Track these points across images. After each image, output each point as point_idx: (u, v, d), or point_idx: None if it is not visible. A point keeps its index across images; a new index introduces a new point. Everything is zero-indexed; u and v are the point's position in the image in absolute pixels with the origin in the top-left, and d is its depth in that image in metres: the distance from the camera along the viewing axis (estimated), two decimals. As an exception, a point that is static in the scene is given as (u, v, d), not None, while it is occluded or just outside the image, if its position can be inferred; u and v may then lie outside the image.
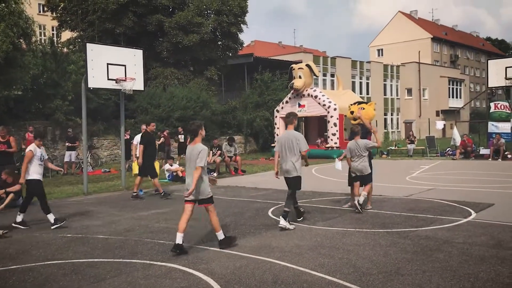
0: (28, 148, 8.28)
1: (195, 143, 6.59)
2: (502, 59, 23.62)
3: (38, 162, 8.24)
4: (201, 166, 6.34)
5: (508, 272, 5.28)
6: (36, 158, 8.20)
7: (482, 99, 65.84)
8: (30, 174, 8.22)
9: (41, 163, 8.35)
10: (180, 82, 28.69)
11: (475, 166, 18.05)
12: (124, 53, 13.37)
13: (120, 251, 6.60)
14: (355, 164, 9.10)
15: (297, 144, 7.87)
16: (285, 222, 7.62)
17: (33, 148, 8.24)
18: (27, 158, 8.15)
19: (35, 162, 8.19)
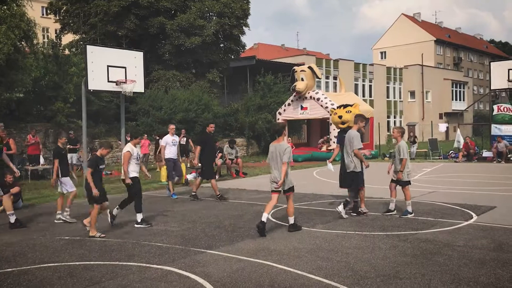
0: (126, 149, 8.44)
1: (279, 142, 7.58)
2: (505, 61, 23.53)
3: (135, 161, 8.47)
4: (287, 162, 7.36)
5: (508, 276, 5.20)
6: (133, 157, 8.41)
7: (486, 102, 65.53)
8: (130, 172, 8.41)
9: (138, 162, 8.59)
10: (182, 84, 28.69)
11: (478, 169, 17.94)
12: (124, 55, 13.35)
13: (117, 253, 6.54)
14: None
15: None
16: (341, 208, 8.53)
17: (130, 148, 8.43)
18: (126, 158, 8.31)
19: (133, 161, 8.42)
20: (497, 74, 20.07)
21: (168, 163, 12.22)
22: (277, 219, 8.74)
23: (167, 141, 12.15)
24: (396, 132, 8.87)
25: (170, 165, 12.22)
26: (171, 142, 12.06)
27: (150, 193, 13.34)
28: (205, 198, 11.96)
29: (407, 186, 8.72)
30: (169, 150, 12.12)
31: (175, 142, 12.19)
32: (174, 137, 12.20)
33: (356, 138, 8.67)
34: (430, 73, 54.20)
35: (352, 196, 8.89)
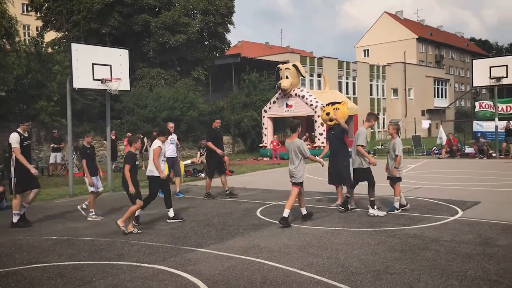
0: (156, 144, 8.34)
1: (293, 139, 8.07)
2: (486, 58, 23.88)
3: (162, 158, 8.42)
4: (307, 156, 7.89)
5: (495, 270, 5.30)
6: (161, 154, 8.36)
7: (467, 99, 66.54)
8: (150, 171, 8.32)
9: (164, 159, 8.61)
10: (166, 82, 28.54)
11: (461, 165, 18.21)
12: (109, 53, 13.22)
13: (107, 253, 6.50)
14: None
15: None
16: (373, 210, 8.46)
17: (160, 143, 8.37)
18: (156, 153, 8.23)
19: (160, 158, 8.35)
20: (479, 72, 20.36)
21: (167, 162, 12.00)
22: (265, 216, 8.77)
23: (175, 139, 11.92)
24: (392, 129, 8.98)
25: (169, 164, 11.78)
26: (170, 140, 11.67)
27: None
28: (193, 196, 11.95)
29: (398, 182, 8.84)
30: (168, 148, 11.76)
31: (174, 140, 11.92)
32: (172, 135, 11.76)
33: (361, 134, 8.65)
34: (413, 71, 54.78)
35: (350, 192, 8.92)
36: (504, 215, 8.16)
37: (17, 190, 8.43)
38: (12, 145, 8.34)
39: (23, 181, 8.43)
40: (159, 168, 8.23)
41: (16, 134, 8.44)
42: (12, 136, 8.40)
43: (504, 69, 19.43)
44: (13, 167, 8.38)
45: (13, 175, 8.40)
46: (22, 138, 8.47)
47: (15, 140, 8.36)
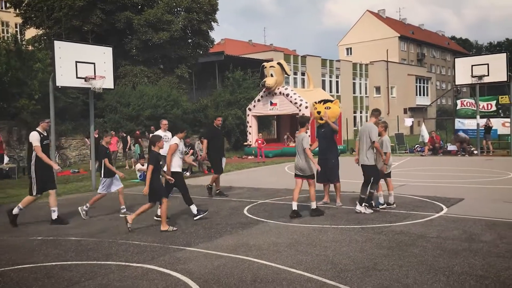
0: (173, 141, 8.32)
1: (300, 132, 8.57)
2: (468, 57, 24.27)
3: (179, 155, 8.38)
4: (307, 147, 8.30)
5: (480, 265, 5.39)
6: (178, 151, 8.32)
7: (448, 97, 67.45)
8: (173, 166, 8.28)
9: (182, 156, 8.52)
10: (150, 80, 28.35)
11: (444, 162, 18.48)
12: (93, 50, 13.10)
13: (94, 253, 6.44)
14: None
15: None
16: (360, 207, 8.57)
17: (177, 141, 8.35)
18: (172, 150, 8.21)
19: (177, 155, 8.32)
20: (461, 70, 20.66)
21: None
22: (252, 214, 8.79)
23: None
24: (380, 127, 9.04)
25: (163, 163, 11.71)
26: (163, 138, 11.43)
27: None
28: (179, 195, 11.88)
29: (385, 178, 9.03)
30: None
31: (168, 138, 11.23)
32: (166, 132, 11.19)
33: (374, 130, 8.58)
34: (395, 69, 55.35)
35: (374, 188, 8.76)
36: (487, 212, 8.31)
37: (37, 191, 8.40)
38: (33, 143, 8.26)
39: (41, 181, 8.38)
40: (168, 165, 8.24)
41: (36, 133, 8.36)
42: (32, 135, 8.33)
43: (486, 67, 19.75)
44: (34, 166, 8.31)
45: (34, 175, 8.35)
46: (42, 137, 8.39)
47: (35, 139, 8.28)
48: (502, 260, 5.55)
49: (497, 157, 20.21)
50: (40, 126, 8.55)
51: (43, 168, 8.30)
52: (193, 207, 8.46)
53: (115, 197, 11.72)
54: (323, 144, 9.47)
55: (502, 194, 10.33)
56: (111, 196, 12.02)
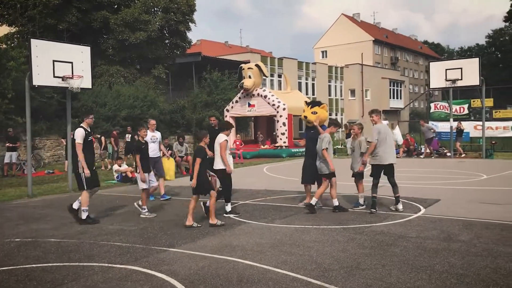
0: (223, 138, 8.41)
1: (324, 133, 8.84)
2: (443, 61, 24.79)
3: (228, 152, 8.53)
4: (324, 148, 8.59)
5: (460, 264, 5.53)
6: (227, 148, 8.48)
7: (421, 100, 68.74)
8: (219, 163, 8.37)
9: (230, 152, 8.62)
10: (126, 80, 28.07)
11: (418, 164, 18.83)
12: (70, 49, 12.88)
13: (76, 254, 6.35)
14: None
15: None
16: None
17: (227, 137, 8.50)
18: (224, 147, 8.37)
19: (227, 152, 8.48)
20: (436, 74, 21.09)
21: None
22: (236, 215, 8.79)
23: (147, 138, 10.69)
24: (357, 129, 9.30)
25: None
26: (151, 139, 10.66)
27: (98, 192, 12.96)
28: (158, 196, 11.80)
29: (361, 180, 9.15)
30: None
31: (155, 139, 10.87)
32: (154, 133, 10.87)
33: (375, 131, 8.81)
34: (369, 72, 56.10)
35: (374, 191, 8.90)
36: (463, 212, 8.52)
37: (87, 185, 8.38)
38: (76, 140, 8.27)
39: (91, 176, 8.43)
40: (226, 162, 8.41)
41: (81, 129, 8.35)
42: (77, 132, 8.32)
43: (459, 71, 20.22)
44: (80, 162, 8.30)
45: (82, 171, 8.33)
46: (86, 134, 8.38)
47: (79, 136, 8.27)
48: (480, 258, 5.71)
49: (469, 159, 20.71)
50: (85, 122, 8.53)
51: (89, 164, 8.35)
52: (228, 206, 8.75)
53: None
54: (311, 145, 9.50)
55: (477, 195, 10.61)
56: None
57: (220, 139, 8.47)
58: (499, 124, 24.62)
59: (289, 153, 23.42)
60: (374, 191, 8.78)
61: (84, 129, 8.39)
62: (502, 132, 24.54)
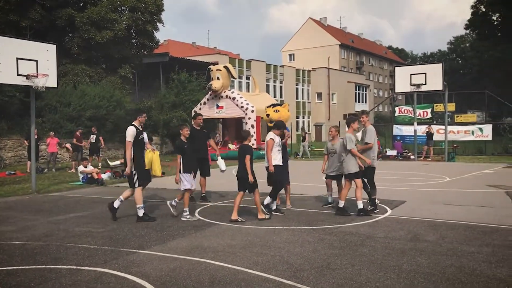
0: (269, 136, 8.56)
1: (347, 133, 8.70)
2: (408, 66, 25.44)
3: (277, 149, 8.65)
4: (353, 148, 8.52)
5: (427, 263, 5.69)
6: (275, 145, 8.60)
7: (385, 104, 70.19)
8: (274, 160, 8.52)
9: (280, 148, 8.76)
10: (91, 80, 27.55)
11: (384, 166, 19.20)
12: (35, 47, 12.53)
13: (42, 257, 6.19)
14: None
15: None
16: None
17: (273, 136, 8.63)
18: (270, 145, 8.53)
19: (275, 149, 8.60)
20: (400, 78, 21.61)
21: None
22: (205, 217, 8.76)
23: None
24: (334, 131, 9.56)
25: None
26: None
27: (63, 193, 12.71)
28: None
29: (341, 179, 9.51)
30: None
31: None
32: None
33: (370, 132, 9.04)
34: (336, 76, 56.95)
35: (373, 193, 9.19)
36: (428, 213, 8.76)
37: (139, 183, 8.40)
38: (126, 138, 8.26)
39: (144, 173, 8.49)
40: (270, 161, 8.54)
41: (133, 128, 8.32)
42: (128, 130, 8.30)
43: (423, 76, 20.78)
44: (133, 160, 8.27)
45: (134, 169, 8.32)
46: (137, 132, 8.34)
47: (130, 134, 8.25)
48: (445, 258, 5.88)
49: (433, 162, 21.30)
50: (137, 120, 8.50)
51: (141, 162, 8.39)
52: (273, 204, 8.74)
53: (53, 200, 11.33)
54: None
55: (441, 196, 10.93)
56: (49, 199, 11.61)
57: (267, 137, 8.63)
58: (461, 128, 25.46)
59: (258, 155, 23.45)
60: (374, 192, 9.12)
61: (136, 127, 8.36)
62: (463, 136, 25.39)
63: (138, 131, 8.36)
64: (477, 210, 9.14)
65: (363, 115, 9.28)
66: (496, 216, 8.48)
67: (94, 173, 14.69)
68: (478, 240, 6.72)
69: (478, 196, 10.89)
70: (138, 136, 8.36)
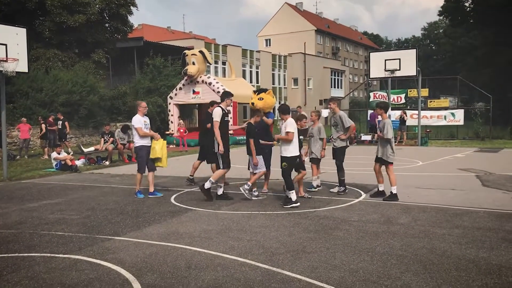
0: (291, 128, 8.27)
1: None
2: (382, 52, 25.63)
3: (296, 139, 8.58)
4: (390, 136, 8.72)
5: (399, 245, 5.82)
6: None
7: (360, 89, 70.78)
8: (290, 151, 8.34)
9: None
10: (64, 64, 26.97)
11: (358, 151, 19.45)
12: (4, 31, 12.18)
13: (14, 245, 6.09)
14: None
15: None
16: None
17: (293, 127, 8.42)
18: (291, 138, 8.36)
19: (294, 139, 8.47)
20: (375, 64, 21.78)
21: (141, 152, 9.43)
22: (180, 203, 8.75)
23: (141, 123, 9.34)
24: (314, 116, 9.75)
25: (143, 155, 9.45)
26: (144, 125, 9.38)
27: (35, 180, 12.50)
28: (101, 184, 11.53)
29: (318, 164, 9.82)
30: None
31: (148, 125, 9.56)
32: (145, 118, 9.50)
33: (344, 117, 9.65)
34: (312, 61, 57.08)
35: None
36: (401, 197, 8.91)
37: (224, 166, 8.65)
38: (214, 118, 8.53)
39: (228, 156, 8.68)
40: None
41: (219, 109, 8.62)
42: (215, 110, 8.61)
43: (398, 62, 21.00)
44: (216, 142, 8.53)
45: (217, 149, 8.57)
46: (223, 113, 8.61)
47: (217, 114, 8.54)
48: (417, 240, 6.02)
49: (406, 147, 21.66)
50: (224, 102, 8.78)
51: (225, 144, 8.56)
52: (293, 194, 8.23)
53: (26, 187, 11.14)
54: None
55: (413, 180, 11.15)
56: (21, 186, 11.41)
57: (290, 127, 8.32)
58: (433, 113, 25.93)
59: (234, 140, 23.45)
60: (343, 173, 9.55)
61: (222, 109, 8.64)
62: (436, 120, 25.87)
63: (223, 112, 8.64)
64: (448, 193, 9.37)
65: (330, 102, 9.65)
66: (466, 199, 8.71)
67: (67, 159, 14.46)
68: (449, 223, 6.90)
69: (450, 180, 11.15)
70: (224, 118, 8.64)
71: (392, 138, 8.87)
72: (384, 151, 8.86)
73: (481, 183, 10.54)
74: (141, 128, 9.24)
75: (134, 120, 9.34)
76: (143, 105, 9.61)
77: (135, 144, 9.52)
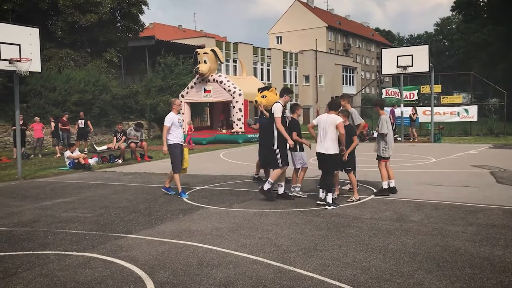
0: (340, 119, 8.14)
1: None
2: (394, 48, 25.41)
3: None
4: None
5: (412, 243, 5.77)
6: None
7: (372, 86, 70.38)
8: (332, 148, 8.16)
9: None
10: (76, 64, 27.19)
11: (370, 149, 19.29)
12: (18, 31, 12.29)
13: (29, 243, 6.16)
14: None
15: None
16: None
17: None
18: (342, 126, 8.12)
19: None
20: (387, 60, 21.60)
21: (175, 150, 9.20)
22: (192, 201, 8.78)
23: (173, 121, 9.15)
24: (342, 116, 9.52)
25: (177, 152, 9.23)
26: (178, 123, 9.21)
27: (49, 179, 12.62)
28: (114, 183, 11.61)
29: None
30: (175, 132, 9.23)
31: (182, 123, 9.44)
32: (179, 116, 9.33)
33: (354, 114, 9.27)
34: (323, 58, 56.83)
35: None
36: (414, 194, 8.87)
37: (282, 163, 8.49)
38: (275, 115, 8.42)
39: (286, 155, 8.58)
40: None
41: (279, 104, 8.55)
42: (276, 106, 8.51)
43: (410, 58, 20.81)
44: (276, 138, 8.48)
45: (276, 147, 8.50)
46: (283, 109, 8.58)
47: (278, 110, 8.44)
48: (430, 237, 5.97)
49: (419, 144, 21.49)
50: (284, 98, 8.70)
51: (283, 141, 8.47)
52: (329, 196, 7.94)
53: (40, 186, 11.26)
54: (261, 132, 9.51)
55: (426, 177, 11.05)
56: (35, 185, 11.53)
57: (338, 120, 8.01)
58: (446, 110, 25.67)
59: (245, 138, 23.49)
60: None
61: (282, 105, 8.58)
62: (449, 117, 25.61)
63: (283, 108, 8.59)
64: (462, 190, 9.27)
65: (342, 99, 9.35)
66: (480, 196, 8.61)
67: (81, 158, 14.58)
68: (462, 220, 6.83)
69: (463, 177, 11.03)
70: (283, 114, 8.58)
71: (388, 133, 8.78)
72: (379, 146, 8.92)
73: (496, 180, 10.41)
74: (166, 127, 9.06)
75: (166, 117, 9.18)
76: (177, 103, 9.46)
77: (169, 142, 9.14)
